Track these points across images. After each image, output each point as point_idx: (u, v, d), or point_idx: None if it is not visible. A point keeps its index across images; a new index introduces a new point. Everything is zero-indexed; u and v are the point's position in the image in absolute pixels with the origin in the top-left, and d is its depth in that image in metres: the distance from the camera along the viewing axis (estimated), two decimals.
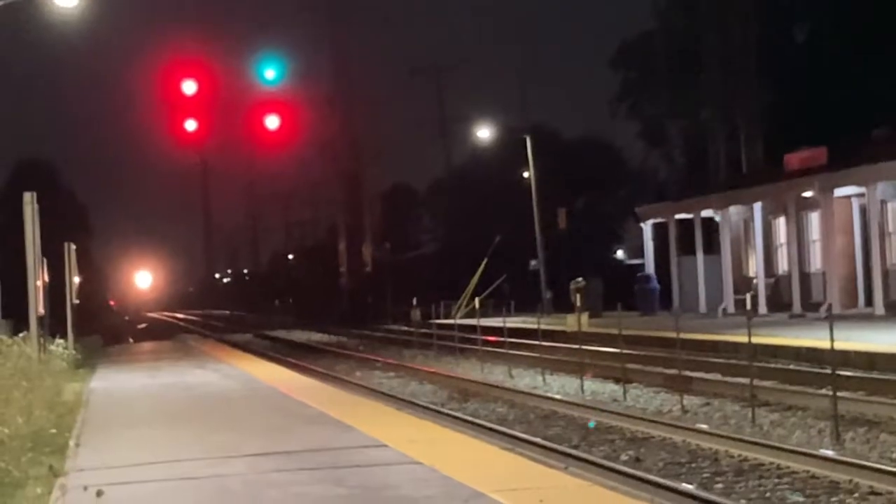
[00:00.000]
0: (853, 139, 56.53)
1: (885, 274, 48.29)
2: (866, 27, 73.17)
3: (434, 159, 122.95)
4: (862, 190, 49.50)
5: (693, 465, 19.28)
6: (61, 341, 38.28)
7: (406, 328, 68.23)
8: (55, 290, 41.87)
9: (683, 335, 33.01)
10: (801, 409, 24.54)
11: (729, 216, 59.58)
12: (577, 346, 37.25)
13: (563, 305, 62.33)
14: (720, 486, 17.37)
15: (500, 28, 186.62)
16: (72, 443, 19.88)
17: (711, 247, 61.05)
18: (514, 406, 29.38)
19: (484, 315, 55.09)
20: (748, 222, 58.61)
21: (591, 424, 24.28)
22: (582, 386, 32.10)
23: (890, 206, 49.37)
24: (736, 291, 57.25)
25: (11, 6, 32.31)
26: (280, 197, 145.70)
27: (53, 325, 40.00)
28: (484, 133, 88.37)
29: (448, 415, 27.23)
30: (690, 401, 27.08)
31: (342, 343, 64.24)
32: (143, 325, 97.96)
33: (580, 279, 58.79)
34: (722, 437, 21.16)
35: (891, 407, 22.91)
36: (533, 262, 76.74)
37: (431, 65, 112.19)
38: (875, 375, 27.60)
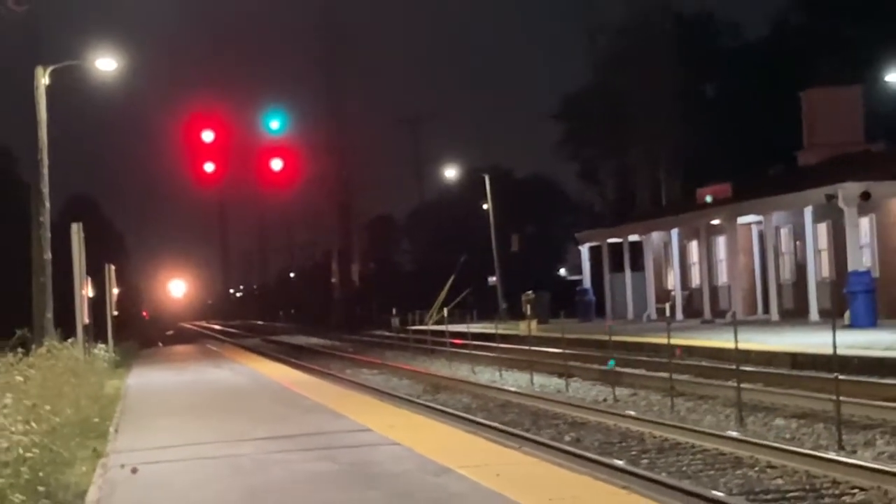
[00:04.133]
0: (753, 177, 56.79)
1: (780, 287, 48.49)
2: (764, 85, 73.54)
3: (411, 194, 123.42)
4: (760, 218, 49.63)
5: (623, 444, 19.29)
6: (103, 345, 38.19)
7: (387, 333, 68.14)
8: (97, 303, 41.78)
9: (614, 338, 33.10)
10: (712, 398, 24.56)
11: (651, 240, 59.73)
12: (527, 348, 37.29)
13: (516, 314, 62.28)
14: (646, 461, 17.40)
15: (468, 82, 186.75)
16: (112, 429, 19.84)
17: (637, 265, 61.15)
18: (476, 397, 29.36)
19: (451, 322, 55.10)
20: (667, 245, 58.73)
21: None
22: (532, 380, 32.12)
23: (783, 231, 49.57)
24: (657, 301, 57.37)
25: (66, 69, 32.33)
26: (284, 225, 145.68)
27: (96, 332, 39.89)
28: (451, 172, 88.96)
29: (422, 404, 27.19)
30: (621, 392, 27.09)
31: (335, 346, 64.10)
32: (170, 332, 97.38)
33: (530, 292, 58.80)
34: (647, 421, 21.18)
35: (784, 396, 22.98)
36: (491, 279, 76.73)
37: (409, 117, 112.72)
38: (771, 370, 27.66)
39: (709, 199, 54.02)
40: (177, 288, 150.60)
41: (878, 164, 44.56)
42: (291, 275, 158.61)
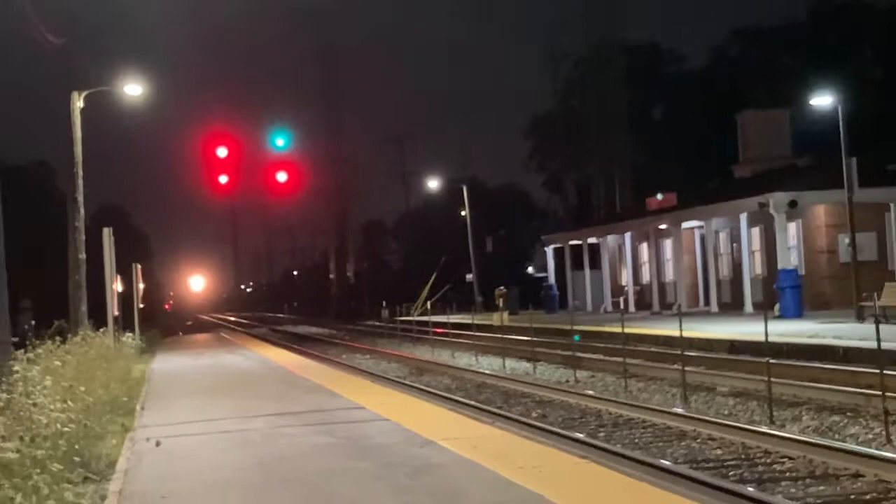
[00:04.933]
0: (695, 188, 56.89)
1: (719, 283, 48.60)
2: (704, 108, 73.70)
3: (398, 201, 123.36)
4: (702, 223, 49.71)
5: (583, 419, 19.33)
6: (130, 334, 38.03)
7: (378, 323, 68.05)
8: (125, 297, 41.66)
9: (576, 327, 33.16)
10: (660, 379, 24.62)
11: (607, 242, 59.80)
12: (500, 336, 37.33)
13: (490, 306, 62.33)
14: (603, 434, 17.43)
15: (448, 104, 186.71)
16: (138, 407, 19.80)
17: (595, 264, 61.20)
18: (455, 379, 29.38)
19: (434, 314, 55.07)
20: (621, 246, 58.82)
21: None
22: (504, 364, 32.14)
23: (721, 234, 49.67)
24: (613, 295, 57.45)
25: (97, 94, 32.27)
26: (288, 229, 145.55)
27: (124, 323, 39.77)
28: (433, 183, 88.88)
29: (408, 385, 27.20)
30: (581, 374, 27.12)
31: (332, 334, 64.06)
32: (189, 323, 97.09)
33: (502, 287, 58.88)
34: (604, 399, 21.22)
35: (723, 377, 23.04)
36: (468, 276, 76.65)
37: (397, 136, 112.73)
38: (712, 355, 27.74)
39: (660, 196, 54.07)
40: (195, 284, 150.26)
41: (803, 177, 44.74)
42: (294, 272, 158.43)
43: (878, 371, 16.38)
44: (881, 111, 64.33)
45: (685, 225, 50.76)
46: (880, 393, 15.96)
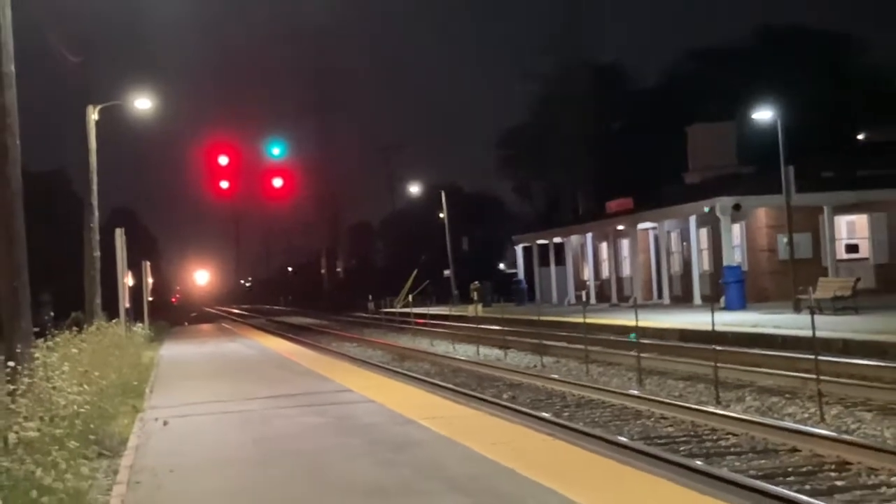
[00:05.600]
0: (650, 193, 57.01)
1: (671, 278, 48.74)
2: (658, 122, 73.85)
3: (384, 205, 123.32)
4: (655, 225, 49.86)
5: (549, 401, 19.34)
6: (140, 324, 37.97)
7: (365, 315, 68.11)
8: (136, 292, 41.56)
9: (543, 318, 33.20)
10: (618, 364, 24.66)
11: (571, 241, 59.88)
12: (475, 325, 37.34)
13: (465, 299, 62.36)
14: (567, 414, 17.45)
15: (430, 116, 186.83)
16: (147, 390, 19.75)
17: (560, 261, 61.30)
18: (434, 364, 29.35)
19: (415, 306, 55.10)
20: (583, 245, 58.92)
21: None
22: (478, 351, 32.12)
23: (673, 235, 49.80)
24: (576, 289, 57.53)
25: (111, 108, 32.15)
26: (284, 229, 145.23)
27: (135, 314, 39.66)
28: (415, 188, 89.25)
29: (391, 370, 27.16)
30: (547, 360, 27.16)
31: (324, 325, 63.96)
32: (194, 314, 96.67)
33: (477, 282, 58.98)
34: (568, 382, 21.23)
35: (673, 363, 23.10)
36: (446, 272, 76.70)
37: (383, 146, 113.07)
38: (664, 342, 27.81)
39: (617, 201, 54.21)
40: (199, 279, 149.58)
41: (746, 183, 44.89)
42: (290, 269, 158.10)
43: (813, 357, 16.46)
44: (817, 124, 64.74)
45: (641, 226, 50.89)
46: (815, 376, 16.04)
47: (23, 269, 12.10)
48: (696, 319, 31.25)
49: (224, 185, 37.29)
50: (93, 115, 31.12)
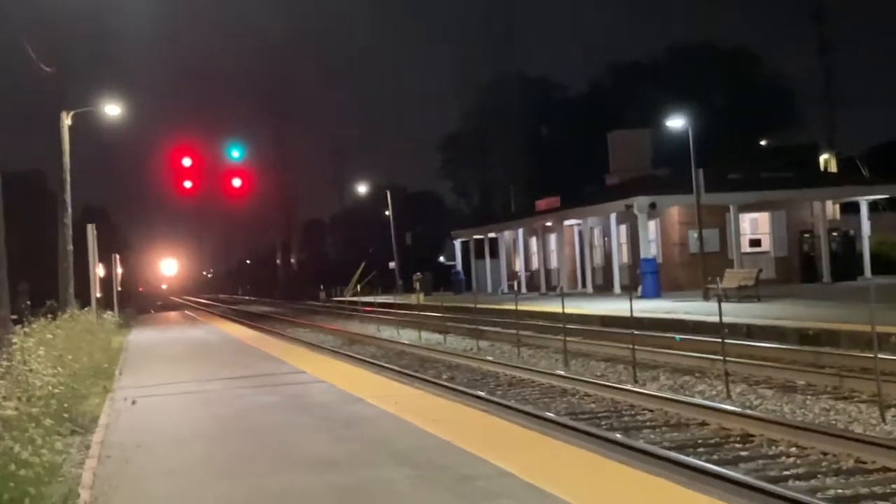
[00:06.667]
0: (575, 192, 57.34)
1: (593, 269, 49.07)
2: (583, 128, 74.35)
3: (334, 202, 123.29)
4: (580, 221, 50.16)
5: (484, 381, 19.38)
6: (110, 312, 37.48)
7: (317, 303, 67.86)
8: (106, 282, 41.02)
9: (479, 305, 33.26)
10: (546, 347, 24.78)
11: (504, 236, 60.08)
12: (417, 312, 37.34)
13: (409, 289, 62.37)
14: (500, 392, 17.51)
15: (378, 120, 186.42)
16: (117, 372, 19.53)
17: (494, 254, 61.47)
18: (380, 348, 29.32)
19: (363, 295, 55.00)
20: (515, 240, 59.13)
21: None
22: (420, 335, 32.14)
23: (595, 230, 50.11)
24: (508, 279, 57.71)
25: (83, 114, 31.73)
26: (242, 224, 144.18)
27: (105, 303, 39.14)
28: (362, 188, 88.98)
29: (342, 353, 27.08)
30: (482, 343, 27.25)
31: (279, 312, 63.65)
32: (160, 303, 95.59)
33: (419, 273, 58.95)
34: (500, 364, 21.30)
35: (596, 346, 23.24)
36: (391, 264, 76.64)
37: (334, 148, 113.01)
38: (587, 327, 27.96)
39: (546, 199, 54.41)
40: (165, 269, 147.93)
41: (661, 184, 45.33)
42: (248, 261, 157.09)
43: (720, 340, 16.67)
44: (724, 131, 65.53)
45: (567, 223, 51.17)
46: (722, 357, 16.25)
47: (2, 262, 11.92)
48: (616, 307, 31.44)
49: (188, 184, 36.90)
50: (66, 120, 30.67)
